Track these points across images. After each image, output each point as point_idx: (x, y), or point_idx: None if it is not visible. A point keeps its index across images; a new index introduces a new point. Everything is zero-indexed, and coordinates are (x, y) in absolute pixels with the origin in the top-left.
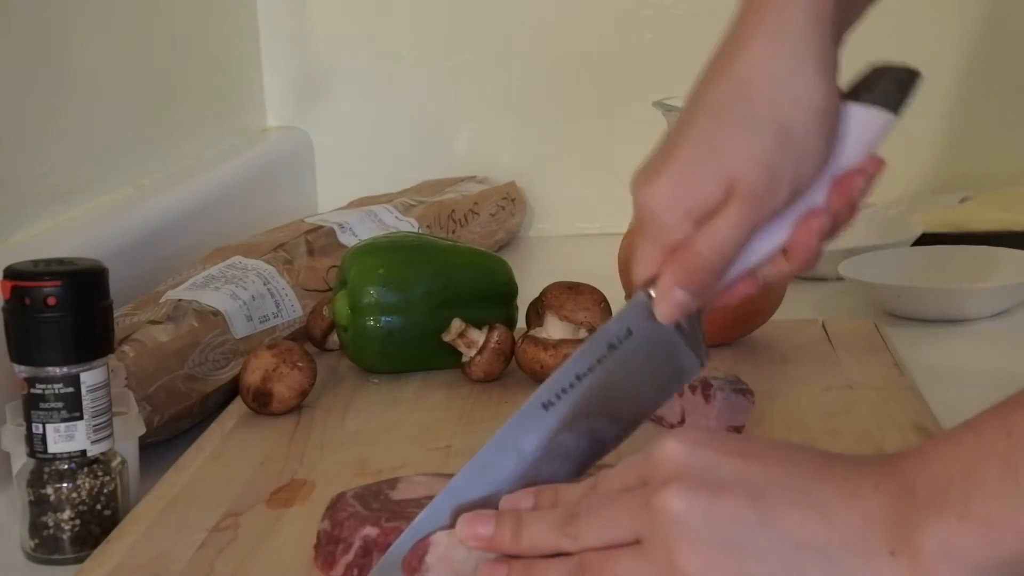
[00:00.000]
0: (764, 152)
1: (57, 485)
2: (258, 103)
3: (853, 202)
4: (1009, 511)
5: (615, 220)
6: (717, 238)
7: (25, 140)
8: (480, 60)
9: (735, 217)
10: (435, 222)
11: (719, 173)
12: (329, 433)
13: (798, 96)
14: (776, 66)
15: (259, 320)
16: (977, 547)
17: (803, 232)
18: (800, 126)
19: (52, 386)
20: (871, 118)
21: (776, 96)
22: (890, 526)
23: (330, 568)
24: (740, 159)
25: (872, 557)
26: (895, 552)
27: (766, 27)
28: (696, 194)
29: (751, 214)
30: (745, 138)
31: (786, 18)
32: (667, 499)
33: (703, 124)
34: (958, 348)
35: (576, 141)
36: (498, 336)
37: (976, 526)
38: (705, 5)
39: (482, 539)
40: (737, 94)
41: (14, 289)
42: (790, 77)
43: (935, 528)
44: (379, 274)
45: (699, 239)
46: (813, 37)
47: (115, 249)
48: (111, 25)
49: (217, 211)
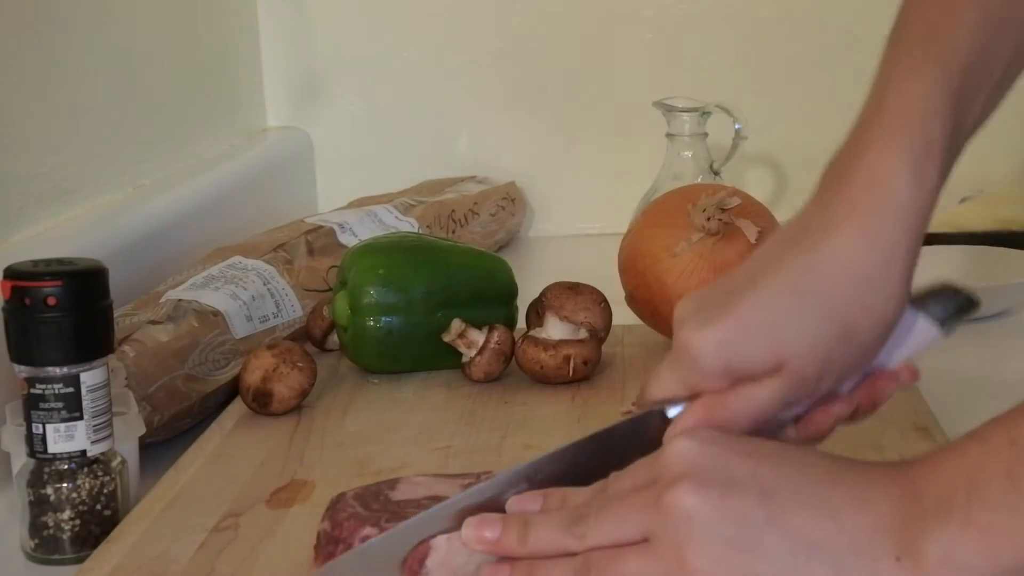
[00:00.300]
0: (824, 344)
1: (57, 485)
2: (258, 103)
3: (878, 403)
4: (1010, 520)
5: (615, 220)
6: (752, 404)
7: (25, 140)
8: (480, 60)
9: (775, 392)
10: (435, 222)
11: (774, 347)
12: (329, 433)
13: (874, 304)
14: (861, 267)
15: (259, 320)
16: (978, 556)
17: (822, 413)
18: (866, 331)
19: (52, 386)
20: (924, 331)
21: (852, 296)
22: (897, 532)
23: None
24: (800, 342)
25: (878, 562)
26: (900, 558)
27: (859, 219)
28: (745, 357)
29: (791, 393)
30: (810, 325)
31: (881, 214)
32: (678, 496)
33: (772, 292)
34: (958, 348)
35: (576, 141)
36: (498, 336)
37: (978, 534)
38: (705, 5)
39: (488, 542)
40: (814, 279)
41: (14, 289)
42: (871, 283)
43: (938, 535)
44: (379, 274)
45: (733, 399)
46: (905, 239)
47: (115, 249)
48: (111, 25)
49: (217, 211)
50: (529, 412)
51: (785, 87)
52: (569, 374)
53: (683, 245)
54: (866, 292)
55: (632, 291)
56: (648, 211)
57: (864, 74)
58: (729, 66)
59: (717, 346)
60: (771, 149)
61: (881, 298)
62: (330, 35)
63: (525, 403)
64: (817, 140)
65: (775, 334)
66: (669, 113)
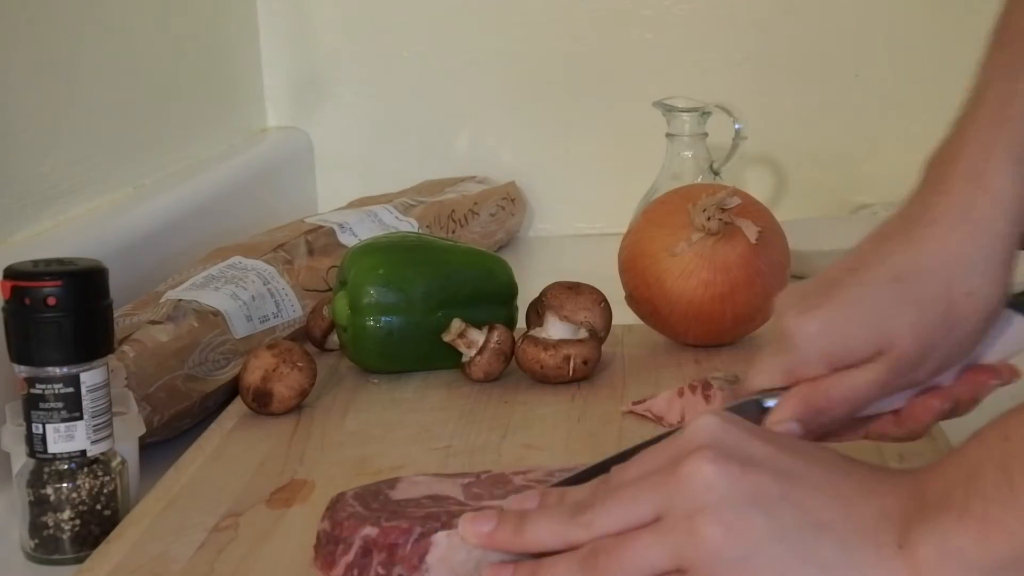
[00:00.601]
0: (926, 329)
1: (57, 485)
2: (258, 103)
3: (977, 398)
4: (1004, 513)
5: (615, 220)
6: (852, 390)
7: (26, 140)
8: (480, 60)
9: (876, 377)
10: (435, 222)
11: (876, 333)
12: (329, 433)
13: (975, 288)
14: (965, 254)
15: (259, 320)
16: (974, 546)
17: (921, 407)
18: (968, 315)
19: (52, 386)
20: (1020, 329)
21: (955, 282)
22: (900, 522)
23: (330, 568)
24: (902, 327)
25: (882, 548)
26: (902, 545)
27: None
28: (847, 344)
29: (891, 380)
30: (913, 310)
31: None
32: (698, 463)
33: (875, 281)
34: None
35: (576, 141)
36: (498, 336)
37: (974, 526)
38: (705, 5)
39: (483, 536)
40: (918, 266)
41: (14, 289)
42: (975, 269)
43: (937, 526)
44: (379, 274)
45: (833, 384)
46: (1006, 229)
47: (115, 249)
48: (111, 25)
49: (217, 211)
50: (529, 412)
51: (785, 87)
52: (569, 374)
53: (683, 245)
54: (970, 278)
55: (632, 291)
56: (648, 211)
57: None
58: (729, 66)
59: (819, 332)
60: (771, 149)
61: (986, 283)
62: (330, 35)
63: (525, 403)
64: (817, 140)
65: (876, 320)
66: (669, 113)
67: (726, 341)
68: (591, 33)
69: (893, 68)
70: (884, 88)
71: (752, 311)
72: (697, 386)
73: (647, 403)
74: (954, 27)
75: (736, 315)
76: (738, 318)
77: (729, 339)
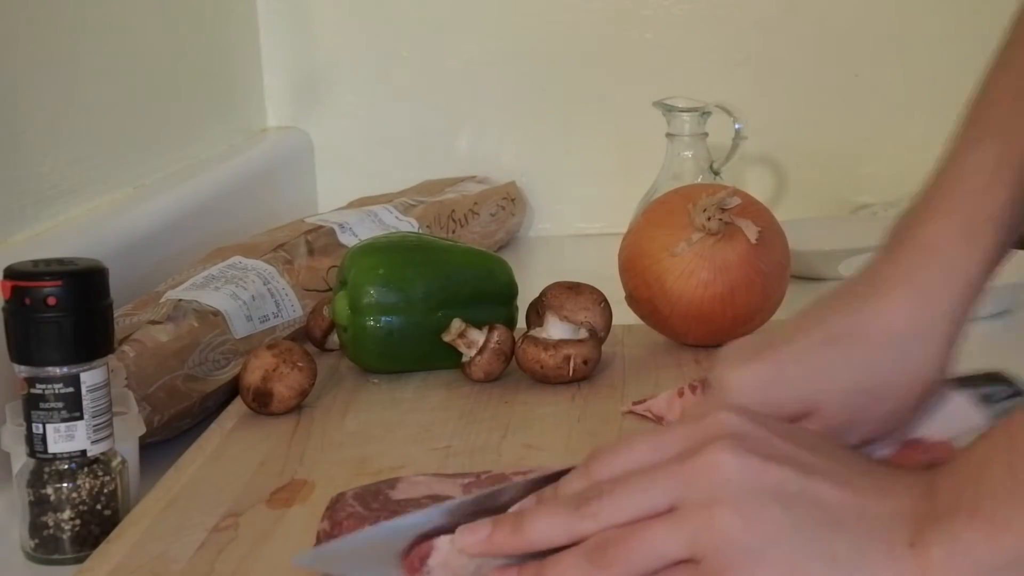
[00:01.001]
0: (854, 400)
1: (57, 485)
2: (258, 103)
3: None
4: (1011, 510)
5: (615, 220)
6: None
7: (25, 140)
8: (479, 60)
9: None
10: (435, 222)
11: (806, 394)
12: (329, 433)
13: (909, 367)
14: (901, 329)
15: (259, 320)
16: (984, 545)
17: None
18: (898, 392)
19: (52, 386)
20: (963, 410)
21: (888, 355)
22: (913, 522)
23: None
24: (830, 390)
25: (894, 547)
26: (914, 544)
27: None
28: (777, 401)
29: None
30: (843, 376)
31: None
32: (719, 453)
33: (809, 341)
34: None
35: (576, 141)
36: (498, 336)
37: (983, 525)
38: (705, 5)
39: (480, 543)
40: (852, 331)
41: (14, 289)
42: (910, 343)
43: (947, 526)
44: (379, 274)
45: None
46: (951, 307)
47: (115, 249)
48: (111, 25)
49: (217, 211)
50: (529, 412)
51: (785, 87)
52: (569, 374)
53: (683, 245)
54: (902, 353)
55: (632, 291)
56: (648, 211)
57: (864, 75)
58: (729, 66)
59: (751, 387)
60: (771, 149)
61: (918, 362)
62: (330, 35)
63: (525, 403)
64: (817, 140)
65: (808, 380)
66: (669, 113)
67: (726, 341)
68: (591, 33)
69: (893, 68)
70: (884, 88)
71: (752, 311)
72: (697, 386)
73: (647, 403)
74: (954, 27)
75: (736, 315)
76: (738, 318)
77: (729, 339)
